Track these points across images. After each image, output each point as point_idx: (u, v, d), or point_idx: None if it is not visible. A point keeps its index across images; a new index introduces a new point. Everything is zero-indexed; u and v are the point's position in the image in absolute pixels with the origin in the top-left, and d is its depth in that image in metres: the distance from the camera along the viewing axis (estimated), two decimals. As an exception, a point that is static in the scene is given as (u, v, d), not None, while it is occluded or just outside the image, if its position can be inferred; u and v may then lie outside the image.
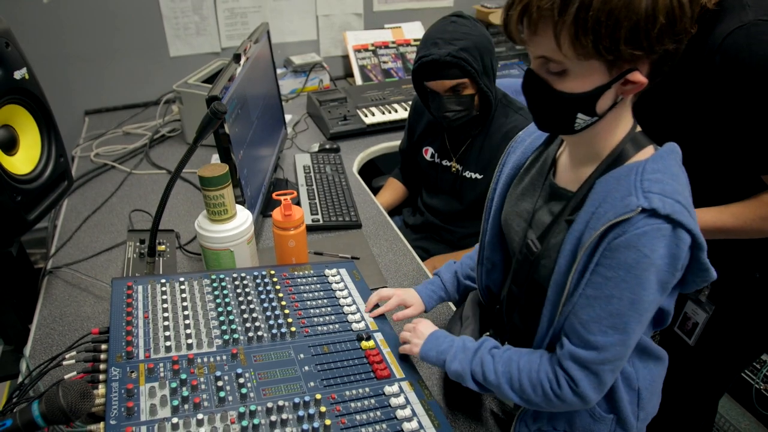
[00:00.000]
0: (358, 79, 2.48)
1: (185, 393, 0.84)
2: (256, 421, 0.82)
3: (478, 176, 1.57)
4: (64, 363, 0.97)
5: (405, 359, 1.00)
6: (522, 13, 0.72)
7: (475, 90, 1.42)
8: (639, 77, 0.72)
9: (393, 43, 2.56)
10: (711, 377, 1.38)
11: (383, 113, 2.13)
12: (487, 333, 1.03)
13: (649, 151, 0.80)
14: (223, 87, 1.24)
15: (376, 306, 1.10)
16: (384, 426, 0.86)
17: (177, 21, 2.26)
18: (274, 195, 1.27)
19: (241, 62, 1.40)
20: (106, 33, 2.20)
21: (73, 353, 1.00)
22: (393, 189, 1.87)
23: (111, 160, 1.89)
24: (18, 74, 1.08)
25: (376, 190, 1.89)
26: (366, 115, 2.11)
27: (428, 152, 1.68)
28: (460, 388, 0.96)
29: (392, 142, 2.05)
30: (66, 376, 0.80)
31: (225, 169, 1.17)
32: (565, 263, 0.80)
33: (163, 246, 1.38)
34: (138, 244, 1.37)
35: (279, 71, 2.42)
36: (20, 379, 1.08)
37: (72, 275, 1.35)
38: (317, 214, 1.56)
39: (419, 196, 1.80)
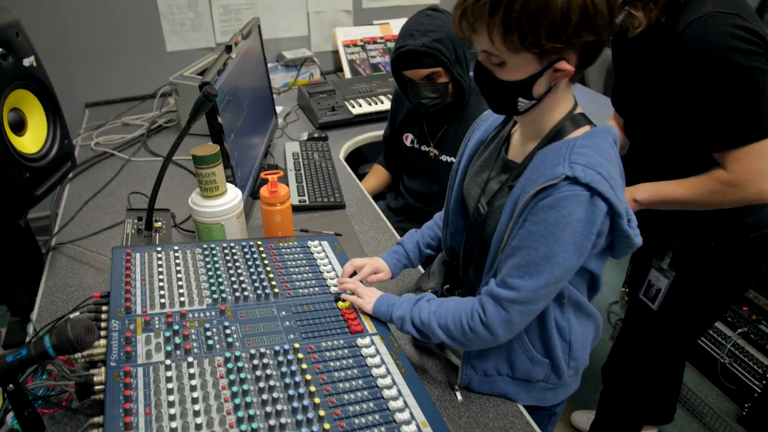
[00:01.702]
0: (348, 73, 2.59)
1: (177, 341, 0.95)
2: (240, 365, 0.92)
3: (454, 160, 1.68)
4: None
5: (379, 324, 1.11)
6: (461, 16, 0.84)
7: (449, 78, 1.53)
8: (566, 66, 0.83)
9: (381, 38, 2.67)
10: (674, 340, 1.49)
11: (369, 104, 2.24)
12: (446, 286, 1.14)
13: (585, 129, 0.91)
14: (215, 75, 1.35)
15: (354, 275, 1.21)
16: (356, 372, 0.96)
17: (173, 17, 2.37)
18: (262, 174, 1.38)
19: (232, 54, 1.51)
20: (106, 29, 2.31)
21: (77, 313, 1.11)
22: (377, 175, 1.98)
23: (110, 149, 2.00)
24: (27, 62, 1.19)
25: (362, 177, 2.00)
26: (353, 106, 2.22)
27: (408, 138, 1.79)
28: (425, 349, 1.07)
29: (378, 132, 2.16)
30: (72, 316, 0.90)
31: (216, 149, 1.28)
32: (504, 222, 0.92)
33: (160, 223, 1.48)
34: (136, 221, 1.47)
35: (271, 65, 2.53)
36: (27, 340, 1.19)
37: (74, 250, 1.45)
38: (304, 195, 1.67)
39: (401, 180, 1.91)
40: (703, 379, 2.14)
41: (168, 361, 0.91)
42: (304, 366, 0.94)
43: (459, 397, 1.08)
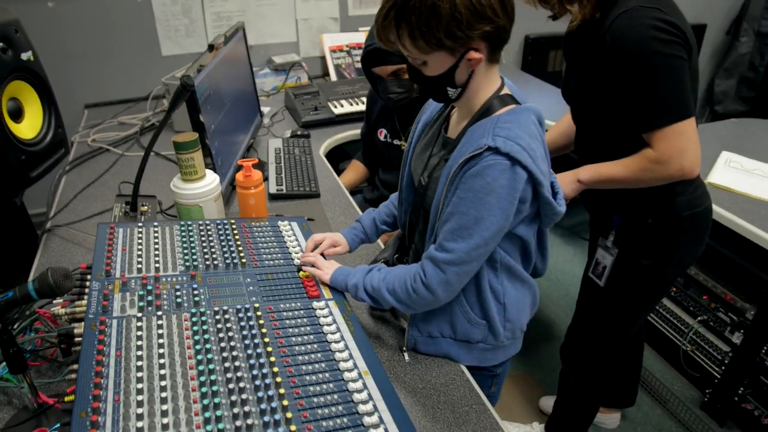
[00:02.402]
0: (334, 77, 2.73)
1: (149, 299, 1.07)
2: (204, 320, 1.04)
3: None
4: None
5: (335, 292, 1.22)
6: (379, 34, 1.00)
7: (414, 75, 1.66)
8: (475, 54, 0.96)
9: (367, 45, 2.81)
10: (622, 316, 1.59)
11: (351, 105, 2.37)
12: (396, 255, 1.26)
13: (511, 107, 1.03)
14: (196, 70, 1.48)
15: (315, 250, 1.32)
16: (308, 329, 1.07)
17: (168, 23, 2.51)
18: (239, 162, 1.50)
19: (215, 53, 1.65)
20: (105, 33, 2.46)
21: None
22: (355, 170, 2.10)
23: (106, 144, 2.13)
24: (24, 56, 1.32)
25: (341, 172, 2.12)
26: (336, 107, 2.35)
27: (382, 133, 1.91)
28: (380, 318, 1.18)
29: (358, 130, 2.28)
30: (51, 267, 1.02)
31: (195, 136, 1.40)
32: (440, 192, 1.04)
33: (145, 207, 1.60)
34: (124, 205, 1.59)
35: (261, 70, 2.68)
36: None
37: (67, 232, 1.58)
38: (282, 185, 1.79)
39: (376, 174, 2.03)
40: (667, 366, 2.23)
41: (140, 314, 1.03)
42: (262, 322, 1.05)
43: (406, 357, 1.19)
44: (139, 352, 0.94)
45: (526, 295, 1.17)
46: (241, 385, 0.89)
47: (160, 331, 0.99)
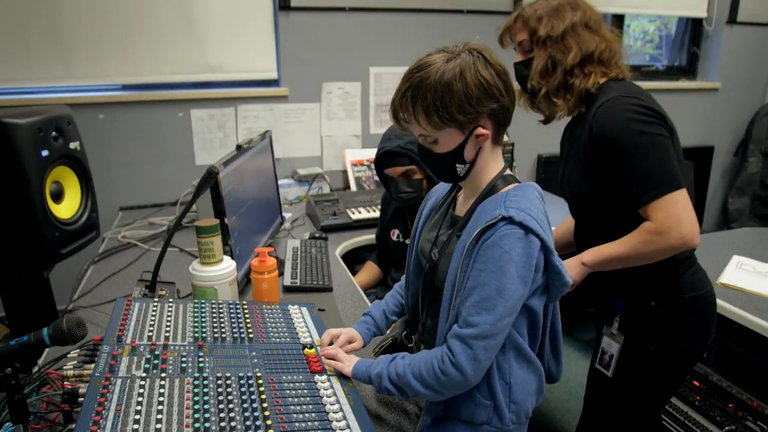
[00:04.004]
0: (354, 189, 2.89)
1: (155, 362, 1.10)
2: (206, 383, 1.06)
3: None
4: (68, 356, 1.24)
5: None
6: (395, 112, 1.10)
7: (423, 175, 1.77)
8: (482, 131, 1.06)
9: (386, 161, 3.00)
10: (633, 408, 1.53)
11: (368, 211, 2.49)
12: (404, 332, 1.27)
13: (514, 185, 1.12)
14: (222, 164, 1.62)
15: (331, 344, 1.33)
16: (308, 400, 1.08)
17: (204, 136, 2.75)
18: (255, 249, 1.59)
19: (241, 152, 1.80)
20: (146, 143, 2.70)
21: (77, 350, 1.27)
22: (369, 270, 2.16)
23: (134, 240, 2.25)
24: (72, 145, 1.48)
25: (356, 274, 2.18)
26: (353, 213, 2.47)
27: (395, 234, 2.00)
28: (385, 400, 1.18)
29: (374, 235, 2.37)
30: (67, 314, 1.06)
31: (216, 222, 1.51)
32: (455, 266, 1.08)
33: (164, 292, 1.66)
34: (144, 289, 1.66)
35: (286, 181, 2.86)
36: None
37: (87, 312, 1.64)
38: (296, 278, 1.85)
39: (389, 273, 2.08)
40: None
41: (144, 375, 1.05)
42: (263, 389, 1.07)
43: (409, 438, 1.16)
44: (138, 407, 0.96)
45: (532, 378, 1.16)
46: (236, 445, 0.89)
47: (162, 390, 1.01)
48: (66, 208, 1.50)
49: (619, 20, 3.64)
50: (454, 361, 1.03)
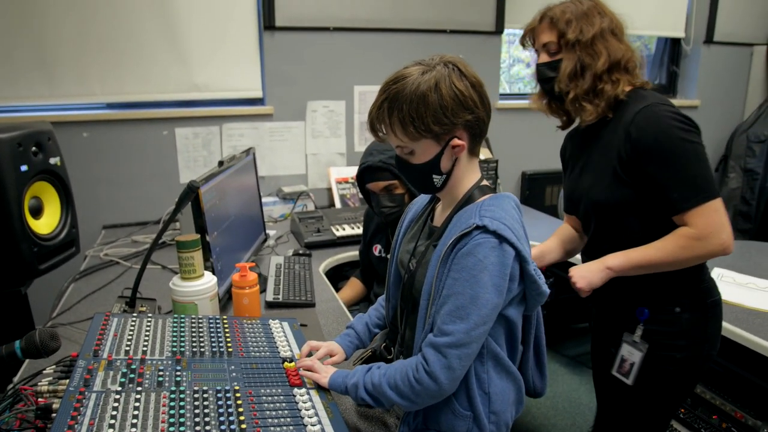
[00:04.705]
0: (338, 206, 2.89)
1: (131, 376, 1.09)
2: (182, 396, 1.05)
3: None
4: (44, 372, 1.22)
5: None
6: (372, 123, 1.13)
7: (405, 190, 1.79)
8: (458, 142, 1.08)
9: (371, 178, 3.02)
10: (653, 414, 1.51)
11: (353, 228, 2.49)
12: (384, 344, 1.27)
13: (491, 195, 1.13)
14: (204, 180, 1.62)
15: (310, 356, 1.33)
16: (286, 412, 1.07)
17: (188, 154, 2.75)
18: (236, 264, 1.58)
19: (223, 168, 1.81)
20: (130, 161, 2.70)
21: (53, 366, 1.25)
22: (353, 287, 2.16)
23: (117, 258, 2.24)
24: (52, 161, 1.48)
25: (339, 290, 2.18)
26: (338, 230, 2.48)
27: (377, 249, 2.00)
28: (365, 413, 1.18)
29: (357, 251, 2.38)
30: (40, 327, 1.05)
31: (197, 237, 1.50)
32: (431, 275, 1.08)
33: (144, 308, 1.65)
34: (123, 305, 1.65)
35: (271, 199, 2.86)
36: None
37: (66, 330, 1.62)
38: (278, 294, 1.84)
39: (372, 289, 2.08)
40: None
41: (119, 389, 1.04)
42: (240, 402, 1.06)
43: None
44: (112, 421, 0.95)
45: (511, 388, 1.16)
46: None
47: (137, 404, 1.01)
48: (45, 224, 1.49)
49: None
50: (428, 370, 1.03)
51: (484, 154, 3.12)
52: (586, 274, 1.41)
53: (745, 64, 4.10)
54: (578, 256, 1.70)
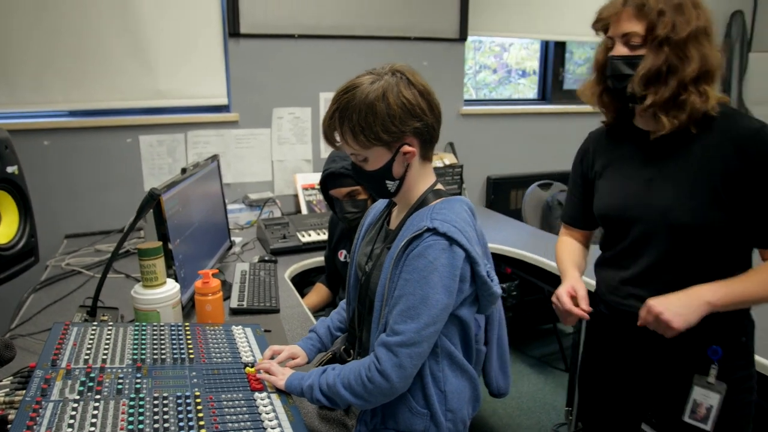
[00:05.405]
0: (305, 212, 2.91)
1: (90, 384, 1.09)
2: (141, 403, 1.05)
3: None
4: (1, 383, 1.21)
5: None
6: (325, 133, 1.15)
7: (368, 195, 1.82)
8: (409, 148, 1.11)
9: (338, 184, 3.04)
10: None
11: (318, 234, 2.51)
12: (344, 346, 1.29)
13: (444, 198, 1.16)
14: (166, 187, 1.62)
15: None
16: (247, 417, 1.08)
17: (153, 162, 2.74)
18: (199, 272, 1.59)
19: (186, 176, 1.81)
20: (93, 170, 2.66)
21: (10, 377, 1.24)
22: (318, 292, 2.18)
23: (79, 268, 2.21)
24: (10, 169, 1.46)
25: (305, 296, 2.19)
26: (303, 236, 2.49)
27: (342, 254, 2.02)
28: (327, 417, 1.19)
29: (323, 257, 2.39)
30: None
31: (158, 244, 1.50)
32: (385, 276, 1.11)
33: (106, 317, 1.64)
34: (85, 315, 1.64)
35: (237, 206, 2.86)
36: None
37: (25, 341, 1.60)
38: (243, 300, 1.85)
39: (338, 294, 2.10)
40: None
41: (78, 397, 1.04)
42: (200, 408, 1.07)
43: (349, 453, 1.17)
44: (70, 430, 0.95)
45: (466, 386, 1.20)
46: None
47: (95, 412, 1.01)
48: (2, 233, 1.47)
49: (560, 48, 3.81)
50: (380, 369, 1.06)
51: (449, 159, 3.18)
52: (683, 311, 1.18)
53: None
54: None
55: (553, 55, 3.80)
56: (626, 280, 1.37)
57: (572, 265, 1.47)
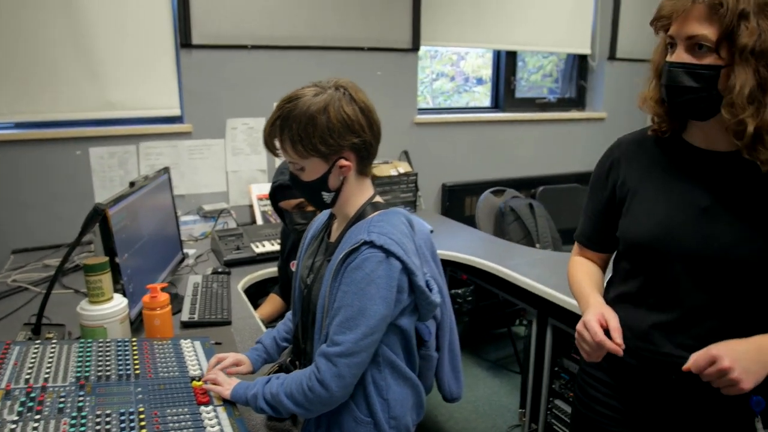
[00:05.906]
0: (260, 223, 2.91)
1: (30, 404, 1.08)
2: (83, 422, 1.05)
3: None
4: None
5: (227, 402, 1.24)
6: (266, 140, 1.18)
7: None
8: (345, 162, 1.15)
9: (294, 194, 3.05)
10: None
11: (272, 244, 2.52)
12: (290, 358, 1.31)
13: (382, 211, 1.20)
14: (113, 201, 1.62)
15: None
16: (191, 430, 1.09)
17: (104, 174, 2.70)
18: (147, 286, 1.58)
19: (135, 189, 1.80)
20: (40, 183, 2.61)
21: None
22: (272, 303, 2.19)
23: (26, 284, 2.17)
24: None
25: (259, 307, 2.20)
26: (257, 246, 2.49)
27: (294, 265, 2.04)
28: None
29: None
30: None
31: (105, 260, 1.50)
32: (325, 288, 1.14)
33: (51, 335, 1.62)
34: (29, 333, 1.61)
35: (191, 217, 2.84)
36: None
37: (-34, 361, 1.56)
38: (194, 313, 1.85)
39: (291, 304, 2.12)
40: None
41: (17, 418, 1.04)
42: (144, 423, 1.07)
43: (296, 462, 1.20)
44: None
45: (409, 394, 1.23)
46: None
47: (35, 432, 1.00)
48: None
49: (512, 57, 3.91)
50: (319, 378, 1.09)
51: (403, 167, 3.23)
52: (754, 368, 1.00)
53: (644, 79, 4.42)
54: None
55: (505, 64, 3.91)
56: (662, 325, 1.16)
57: (594, 289, 1.26)
